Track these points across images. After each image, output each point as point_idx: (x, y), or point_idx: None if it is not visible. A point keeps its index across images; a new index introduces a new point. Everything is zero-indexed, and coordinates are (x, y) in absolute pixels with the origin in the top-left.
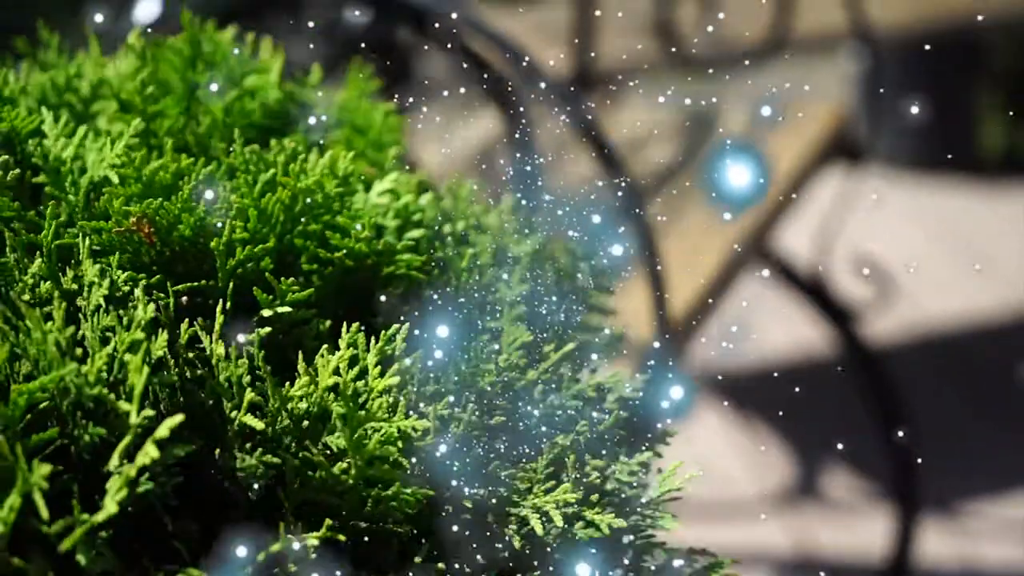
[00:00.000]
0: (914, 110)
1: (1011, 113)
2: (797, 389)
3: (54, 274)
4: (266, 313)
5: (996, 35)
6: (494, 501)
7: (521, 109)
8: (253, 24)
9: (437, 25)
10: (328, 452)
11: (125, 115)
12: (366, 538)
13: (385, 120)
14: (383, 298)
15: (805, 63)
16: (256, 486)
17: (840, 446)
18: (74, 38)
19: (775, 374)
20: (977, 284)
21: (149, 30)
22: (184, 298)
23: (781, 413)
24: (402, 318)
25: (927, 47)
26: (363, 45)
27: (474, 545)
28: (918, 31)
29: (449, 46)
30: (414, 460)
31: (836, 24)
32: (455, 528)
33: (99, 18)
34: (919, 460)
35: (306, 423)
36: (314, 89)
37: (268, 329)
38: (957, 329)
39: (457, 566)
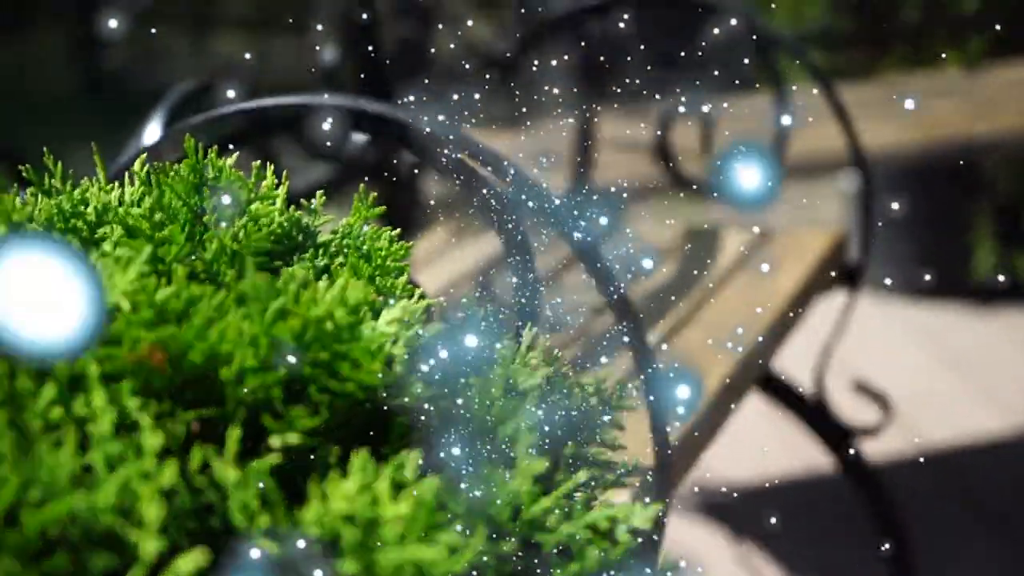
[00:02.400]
0: (911, 233)
1: (1006, 238)
2: (772, 520)
3: (65, 400)
4: (276, 441)
5: (992, 159)
6: None
7: (521, 231)
8: (256, 148)
9: (437, 147)
10: None
11: (132, 241)
12: None
13: (391, 246)
14: (393, 426)
15: (804, 188)
16: None
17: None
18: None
19: (773, 491)
20: (977, 406)
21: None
22: (194, 424)
23: (773, 521)
24: (413, 446)
25: (924, 171)
26: (365, 168)
27: None
28: (915, 156)
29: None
30: None
31: (834, 149)
32: None
33: (113, 23)
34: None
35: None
36: (319, 214)
37: (278, 456)
38: (957, 450)
39: None
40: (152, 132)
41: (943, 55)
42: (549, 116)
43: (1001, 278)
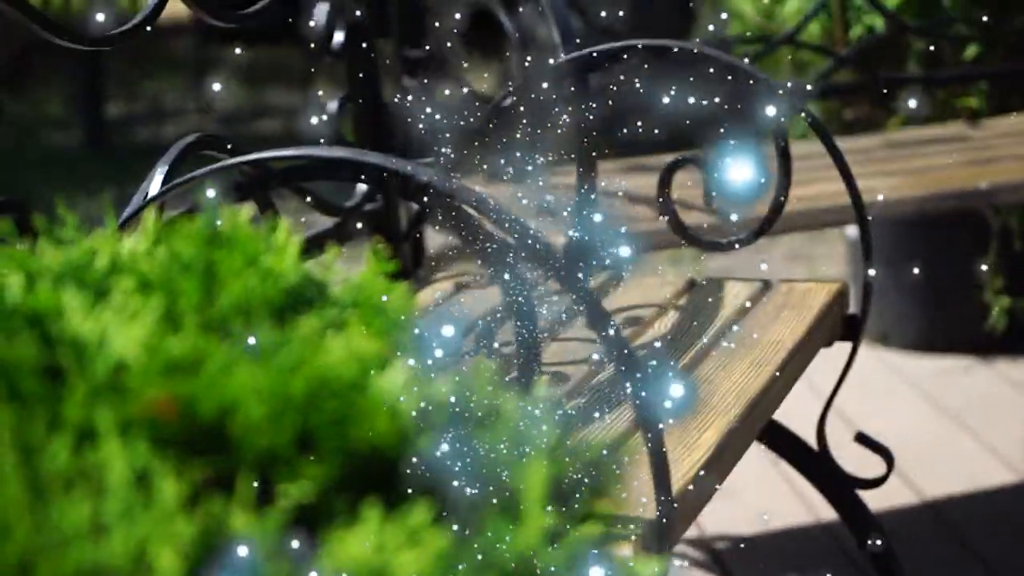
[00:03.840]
0: (912, 285)
1: (1007, 289)
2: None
3: (76, 451)
4: (287, 492)
5: (994, 210)
6: None
7: (522, 281)
8: (257, 198)
9: (438, 198)
10: None
11: (143, 292)
12: None
13: (402, 300)
14: (404, 478)
15: (804, 240)
16: None
17: None
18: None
19: (774, 541)
20: (978, 457)
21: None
22: (205, 475)
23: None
24: (423, 497)
25: (924, 223)
26: (366, 218)
27: None
28: (916, 207)
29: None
30: None
31: (835, 201)
32: None
33: (100, 17)
34: None
35: None
36: (331, 268)
37: (289, 507)
38: (958, 501)
39: None
40: (156, 184)
41: (946, 106)
42: (550, 166)
43: (1001, 329)
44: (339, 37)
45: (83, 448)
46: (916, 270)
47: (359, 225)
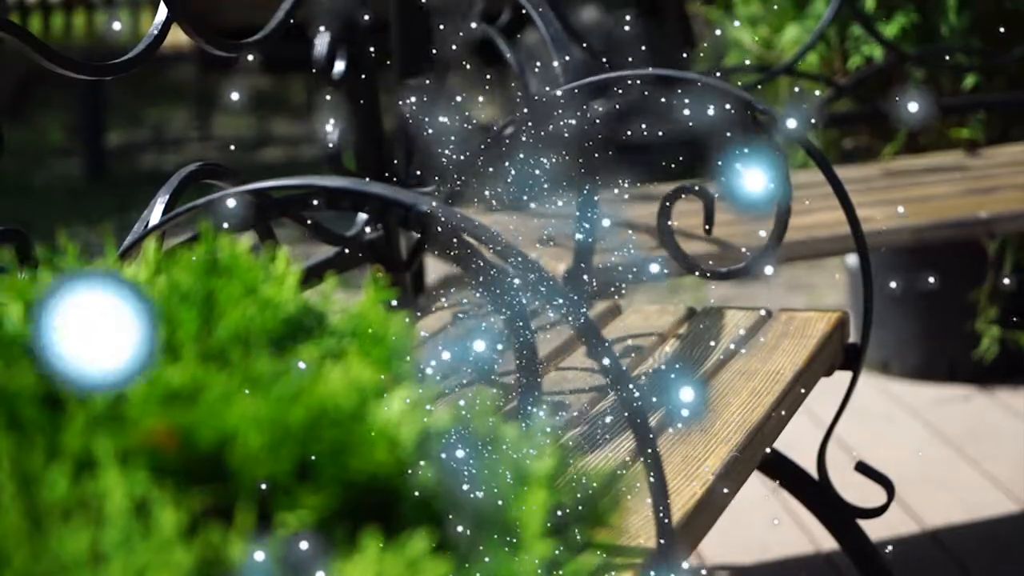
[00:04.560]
0: (912, 314)
1: (1007, 318)
2: None
3: (76, 480)
4: (286, 522)
5: (993, 239)
6: None
7: (522, 312)
8: (258, 227)
9: (438, 228)
10: None
11: None
12: None
13: (401, 330)
14: (402, 508)
15: (804, 269)
16: None
17: None
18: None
19: (775, 572)
20: (977, 486)
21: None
22: (204, 504)
23: None
24: (422, 528)
25: (924, 252)
26: (366, 248)
27: None
28: (915, 236)
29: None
30: None
31: (834, 230)
32: None
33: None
34: None
35: None
36: (330, 298)
37: (288, 536)
38: (958, 530)
39: None
40: (157, 213)
41: (944, 135)
42: (550, 196)
43: (1001, 358)
44: (340, 66)
45: (82, 477)
46: (916, 299)
47: (360, 254)
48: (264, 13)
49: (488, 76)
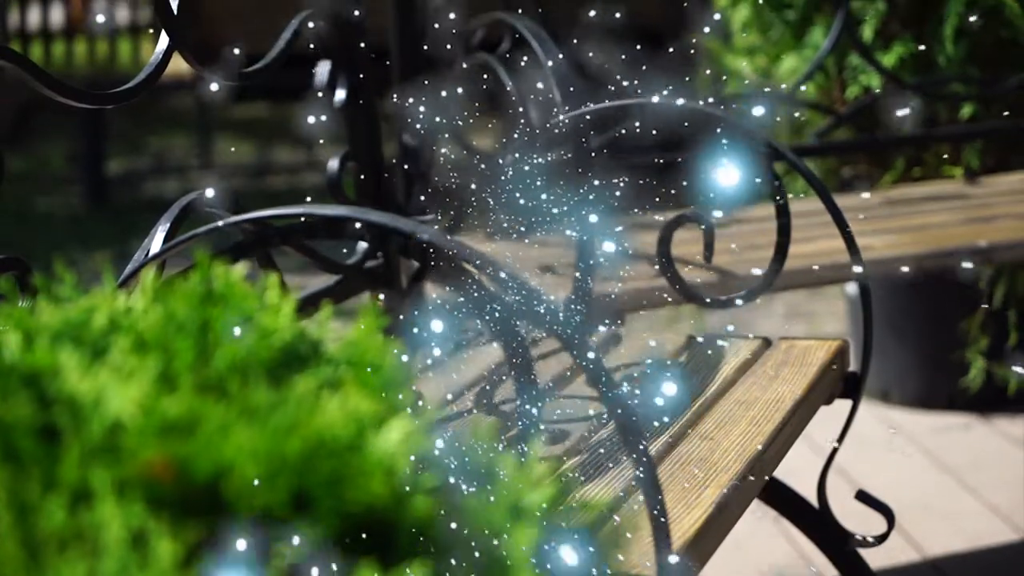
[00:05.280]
0: (912, 342)
1: (1006, 346)
2: None
3: (72, 511)
4: (282, 552)
5: (992, 268)
6: None
7: (522, 340)
8: (258, 256)
9: (439, 257)
10: None
11: (140, 352)
12: None
13: (396, 358)
14: (399, 539)
15: (804, 297)
16: None
17: None
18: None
19: None
20: (977, 514)
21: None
22: (200, 536)
23: None
24: (418, 559)
25: (924, 280)
26: (366, 276)
27: None
28: (915, 265)
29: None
30: None
31: (834, 259)
32: None
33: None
34: None
35: None
36: (325, 326)
37: (285, 567)
38: (957, 559)
39: None
40: (158, 242)
41: (942, 164)
42: (550, 225)
43: (976, 389)
44: (340, 95)
45: (79, 508)
46: (916, 327)
47: (360, 282)
48: (267, 40)
49: (488, 104)
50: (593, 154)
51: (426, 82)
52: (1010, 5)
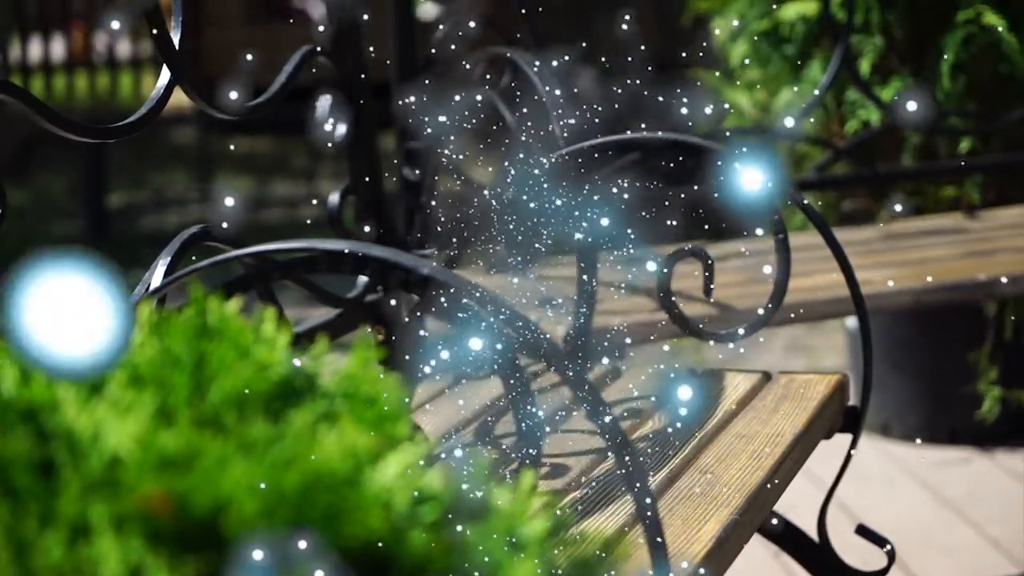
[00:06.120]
0: (912, 376)
1: (1006, 380)
2: None
3: (70, 546)
4: None
5: (992, 301)
6: None
7: (521, 373)
8: (263, 292)
9: (438, 291)
10: None
11: (136, 386)
12: None
13: (392, 391)
14: (396, 572)
15: (803, 332)
16: None
17: None
18: None
19: None
20: (978, 549)
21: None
22: (198, 571)
23: None
24: None
25: (923, 314)
26: (365, 310)
27: None
28: (914, 299)
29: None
30: None
31: (833, 293)
32: None
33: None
34: None
35: None
36: (320, 359)
37: None
38: None
39: None
40: (158, 276)
41: (941, 198)
42: (551, 258)
43: (992, 420)
44: (341, 129)
45: (77, 543)
46: (916, 361)
47: (360, 316)
48: (270, 74)
49: (488, 139)
50: (593, 186)
51: (426, 115)
52: (1007, 40)
